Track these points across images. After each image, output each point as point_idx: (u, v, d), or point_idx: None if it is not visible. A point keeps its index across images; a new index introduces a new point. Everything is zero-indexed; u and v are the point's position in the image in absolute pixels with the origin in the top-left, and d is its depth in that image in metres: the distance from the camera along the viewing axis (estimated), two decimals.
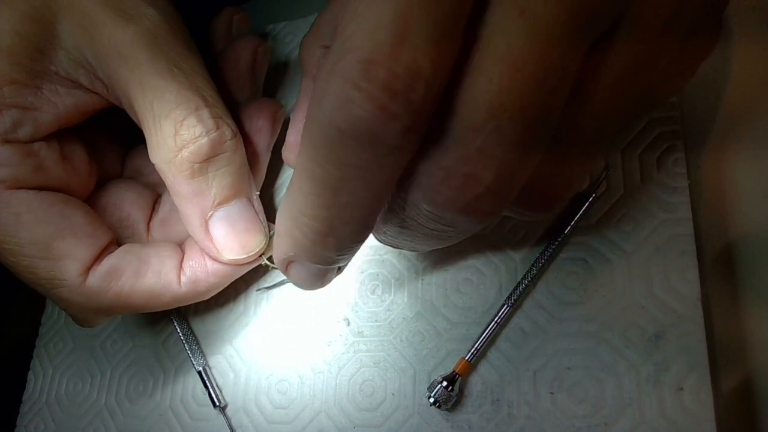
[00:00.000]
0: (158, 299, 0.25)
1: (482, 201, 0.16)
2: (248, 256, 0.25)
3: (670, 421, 0.21)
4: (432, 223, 0.18)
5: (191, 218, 0.24)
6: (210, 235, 0.24)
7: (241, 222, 0.24)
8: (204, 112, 0.23)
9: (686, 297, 0.22)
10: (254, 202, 0.25)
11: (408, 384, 0.25)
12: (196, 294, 0.26)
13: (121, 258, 0.25)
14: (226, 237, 0.24)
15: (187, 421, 0.28)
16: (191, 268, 0.25)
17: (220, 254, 0.25)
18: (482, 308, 0.25)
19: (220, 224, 0.24)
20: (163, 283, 0.25)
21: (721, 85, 0.25)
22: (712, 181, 0.24)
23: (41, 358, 0.33)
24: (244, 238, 0.25)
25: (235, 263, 0.25)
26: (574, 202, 0.25)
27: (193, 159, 0.23)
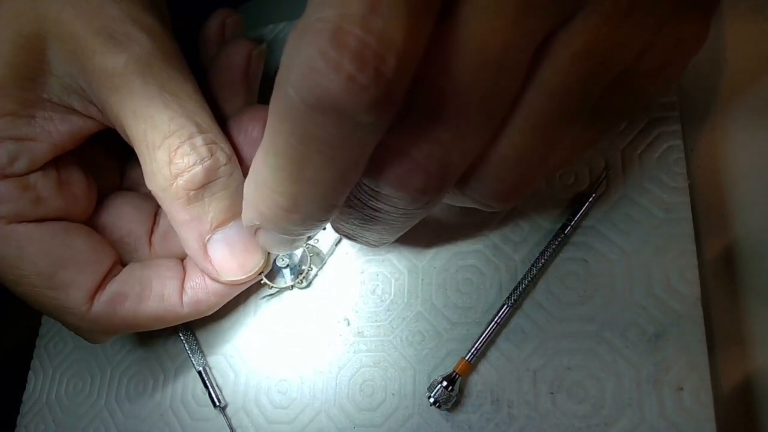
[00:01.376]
0: (162, 321, 0.26)
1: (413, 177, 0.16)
2: (247, 277, 0.25)
3: (670, 421, 0.21)
4: (372, 201, 0.18)
5: (189, 242, 0.24)
6: (209, 257, 0.24)
7: (239, 243, 0.24)
8: (197, 140, 0.23)
9: (686, 297, 0.22)
10: None
11: (408, 384, 0.25)
12: (198, 313, 0.26)
13: (123, 283, 0.25)
14: (224, 259, 0.24)
15: (187, 421, 0.28)
16: (192, 289, 0.26)
17: (219, 276, 0.25)
18: (482, 308, 0.25)
19: (218, 247, 0.24)
20: (166, 306, 0.25)
21: (722, 86, 0.25)
22: (712, 181, 0.24)
23: (41, 358, 0.33)
24: (243, 259, 0.25)
25: (234, 284, 0.25)
26: (574, 202, 0.25)
27: (188, 187, 0.23)
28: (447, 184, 0.17)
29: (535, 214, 0.25)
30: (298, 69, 0.14)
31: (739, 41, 0.26)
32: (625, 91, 0.18)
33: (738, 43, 0.26)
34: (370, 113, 0.14)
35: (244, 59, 0.28)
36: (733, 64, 0.25)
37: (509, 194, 0.19)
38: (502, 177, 0.18)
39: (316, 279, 0.28)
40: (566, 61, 0.16)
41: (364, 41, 0.13)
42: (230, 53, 0.29)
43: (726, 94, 0.25)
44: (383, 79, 0.13)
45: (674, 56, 0.18)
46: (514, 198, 0.19)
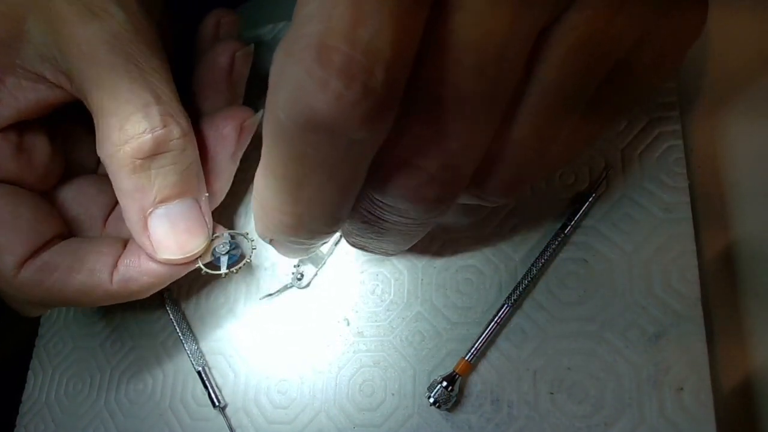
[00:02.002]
0: (89, 296, 0.25)
1: (427, 189, 0.16)
2: (184, 257, 0.24)
3: (670, 422, 0.21)
4: (387, 215, 0.18)
5: (130, 214, 0.24)
6: (148, 231, 0.24)
7: (182, 222, 0.24)
8: (153, 109, 0.23)
9: (686, 297, 0.22)
10: (201, 204, 0.25)
11: (408, 384, 0.25)
12: (129, 292, 0.25)
13: (56, 253, 0.25)
14: (164, 235, 0.24)
15: (187, 421, 0.28)
16: (126, 267, 0.25)
17: (155, 252, 0.24)
18: (482, 308, 0.25)
19: (159, 222, 0.24)
20: (94, 281, 0.25)
21: (723, 86, 0.25)
22: (712, 181, 0.24)
23: (41, 358, 0.33)
24: (183, 238, 0.24)
25: (169, 263, 0.25)
26: (574, 202, 0.25)
27: (134, 155, 0.22)
28: (460, 188, 0.17)
29: (535, 214, 0.25)
30: (286, 90, 0.13)
31: (740, 39, 0.26)
32: (624, 83, 0.18)
33: (738, 42, 0.26)
34: (362, 129, 0.14)
35: (228, 59, 0.28)
36: (733, 64, 0.25)
37: (511, 188, 0.19)
38: (505, 172, 0.18)
39: (316, 279, 0.28)
40: (563, 54, 0.16)
41: (349, 56, 0.13)
42: (216, 53, 0.29)
43: (726, 94, 0.25)
44: (373, 93, 0.13)
45: (671, 47, 0.18)
46: (516, 192, 0.19)
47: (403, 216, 0.18)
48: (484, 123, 0.16)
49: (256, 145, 0.21)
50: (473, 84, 0.15)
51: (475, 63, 0.15)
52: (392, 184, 0.16)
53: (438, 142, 0.16)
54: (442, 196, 0.17)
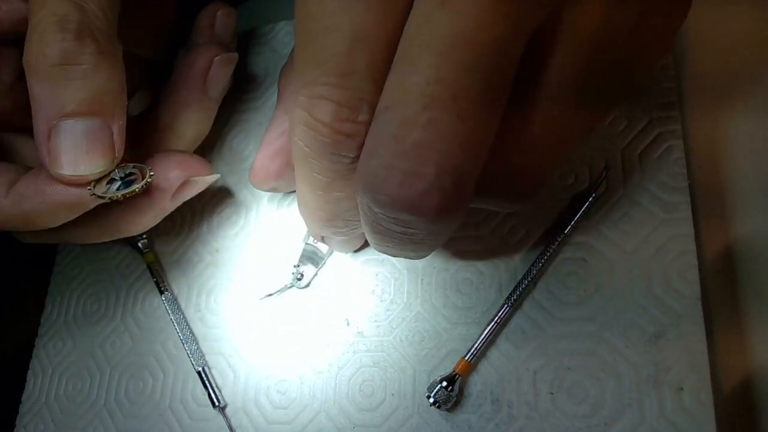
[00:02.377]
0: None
1: (428, 197, 0.16)
2: (76, 176, 0.24)
3: (670, 422, 0.21)
4: (393, 225, 0.17)
5: (37, 122, 0.23)
6: (49, 143, 0.23)
7: (84, 141, 0.23)
8: (71, 22, 0.22)
9: (686, 297, 0.22)
10: (114, 130, 0.24)
11: (408, 384, 0.25)
12: (22, 214, 0.25)
13: None
14: (62, 150, 0.23)
15: (187, 421, 0.28)
16: (22, 182, 0.25)
17: (50, 165, 0.24)
18: (482, 308, 0.25)
19: (62, 135, 0.23)
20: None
21: (723, 85, 0.25)
22: (712, 181, 0.24)
23: (41, 358, 0.33)
24: (80, 157, 0.23)
25: (61, 179, 0.24)
26: (574, 202, 0.25)
27: (45, 60, 0.22)
28: (465, 195, 0.16)
29: (535, 214, 0.25)
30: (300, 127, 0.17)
31: (741, 39, 0.26)
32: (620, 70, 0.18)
33: (739, 42, 0.26)
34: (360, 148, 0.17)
35: (206, 63, 0.28)
36: (734, 64, 0.25)
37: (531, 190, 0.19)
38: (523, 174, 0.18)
39: (316, 279, 0.28)
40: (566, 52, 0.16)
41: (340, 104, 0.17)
42: (196, 53, 0.29)
43: (727, 94, 0.25)
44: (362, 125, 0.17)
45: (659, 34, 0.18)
46: (534, 195, 0.19)
47: (411, 227, 0.17)
48: (480, 122, 0.15)
49: None
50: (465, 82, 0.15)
51: (464, 60, 0.14)
52: (389, 196, 0.16)
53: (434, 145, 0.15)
54: (446, 204, 0.16)
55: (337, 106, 0.16)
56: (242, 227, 0.31)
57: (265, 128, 0.32)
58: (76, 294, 0.34)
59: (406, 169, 0.15)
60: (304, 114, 0.17)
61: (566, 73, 0.16)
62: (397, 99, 0.15)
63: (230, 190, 0.32)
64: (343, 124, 0.16)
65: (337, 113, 0.16)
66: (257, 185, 0.27)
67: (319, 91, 0.16)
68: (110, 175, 0.24)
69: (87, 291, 0.34)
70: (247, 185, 0.32)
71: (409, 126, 0.15)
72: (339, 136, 0.17)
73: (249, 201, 0.31)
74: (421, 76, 0.15)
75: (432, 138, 0.15)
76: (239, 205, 0.32)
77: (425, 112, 0.15)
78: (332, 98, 0.16)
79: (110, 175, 0.24)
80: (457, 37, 0.14)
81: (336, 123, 0.16)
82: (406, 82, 0.15)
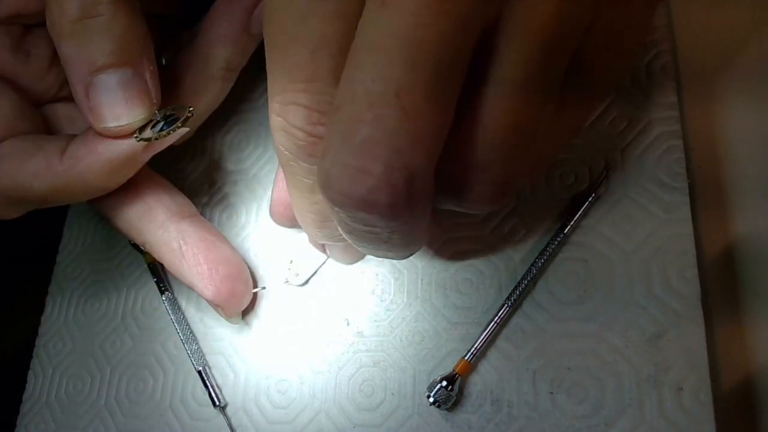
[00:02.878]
0: (42, 177, 0.25)
1: (377, 193, 0.15)
2: (119, 127, 0.24)
3: (670, 422, 0.21)
4: (355, 224, 0.18)
5: (74, 83, 0.24)
6: (88, 101, 0.24)
7: (119, 91, 0.24)
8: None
9: (686, 297, 0.22)
10: (146, 75, 0.24)
11: (408, 384, 0.25)
12: (79, 175, 0.25)
13: (18, 140, 0.25)
14: (101, 104, 0.24)
15: (187, 421, 0.28)
16: (73, 145, 0.25)
17: (94, 121, 0.24)
18: (482, 308, 0.25)
19: (98, 90, 0.24)
20: (47, 162, 0.25)
21: (722, 85, 0.25)
22: (712, 180, 0.24)
23: (41, 358, 0.33)
24: (120, 108, 0.24)
25: (108, 133, 0.24)
26: (574, 202, 0.25)
27: (66, 19, 0.23)
28: (419, 189, 0.16)
29: (535, 214, 0.25)
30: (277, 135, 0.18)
31: (741, 38, 0.26)
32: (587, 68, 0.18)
33: (739, 41, 0.26)
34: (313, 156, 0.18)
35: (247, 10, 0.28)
36: (734, 64, 0.25)
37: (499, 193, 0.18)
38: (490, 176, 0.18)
39: (316, 279, 0.28)
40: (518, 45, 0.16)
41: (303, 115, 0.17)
42: None
43: (727, 94, 0.25)
44: None
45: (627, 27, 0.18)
46: (505, 197, 0.19)
47: (371, 225, 0.17)
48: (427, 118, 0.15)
49: None
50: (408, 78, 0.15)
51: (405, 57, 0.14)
52: (341, 194, 0.16)
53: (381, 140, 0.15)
54: (397, 200, 0.16)
55: (307, 110, 0.17)
56: (242, 227, 0.31)
57: (265, 128, 0.33)
58: (77, 294, 0.34)
59: (355, 165, 0.15)
60: (279, 120, 0.18)
61: (520, 68, 0.16)
62: (345, 98, 0.15)
63: (230, 190, 0.32)
64: (315, 127, 0.17)
65: (308, 117, 0.17)
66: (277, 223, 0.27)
67: (290, 98, 0.17)
68: (152, 120, 0.25)
69: (87, 291, 0.34)
70: (247, 185, 0.32)
71: (356, 124, 0.15)
72: (312, 139, 0.18)
73: (249, 201, 0.31)
74: (365, 74, 0.15)
75: (378, 135, 0.15)
76: (239, 205, 0.32)
77: (371, 110, 0.15)
78: (302, 103, 0.17)
79: (152, 120, 0.25)
80: (397, 34, 0.14)
81: (308, 126, 0.17)
82: (353, 81, 0.15)
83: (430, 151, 0.16)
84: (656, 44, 0.25)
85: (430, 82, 0.15)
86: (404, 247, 0.20)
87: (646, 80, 0.25)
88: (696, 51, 0.26)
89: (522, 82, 0.16)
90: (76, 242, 0.36)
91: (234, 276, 0.27)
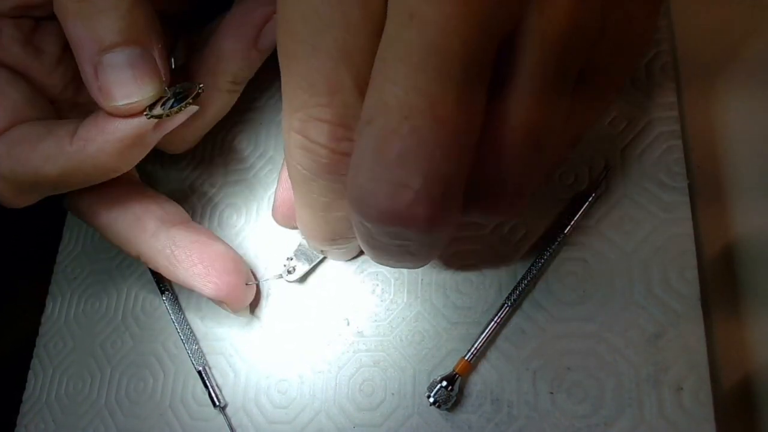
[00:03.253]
0: (53, 161, 0.24)
1: (416, 208, 0.15)
2: (127, 105, 0.24)
3: (670, 421, 0.21)
4: (386, 238, 0.17)
5: (82, 64, 0.24)
6: (97, 80, 0.24)
7: (129, 69, 0.23)
8: None
9: (686, 297, 0.22)
10: (154, 54, 0.24)
11: (408, 384, 0.25)
12: (90, 157, 0.25)
13: (29, 126, 0.25)
14: (111, 83, 0.23)
15: (187, 420, 0.28)
16: (83, 127, 0.25)
17: (103, 101, 0.24)
18: (482, 308, 0.25)
19: (108, 69, 0.23)
20: (58, 144, 0.24)
21: (722, 85, 0.25)
22: (712, 180, 0.24)
23: (41, 358, 0.33)
24: (130, 86, 0.24)
25: (117, 111, 0.24)
26: (574, 202, 0.25)
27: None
28: (454, 200, 0.16)
29: (535, 214, 0.25)
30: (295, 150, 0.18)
31: (742, 38, 0.26)
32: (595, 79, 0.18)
33: (740, 41, 0.26)
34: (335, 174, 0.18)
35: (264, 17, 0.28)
36: (733, 63, 0.25)
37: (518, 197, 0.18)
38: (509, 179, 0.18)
39: (316, 279, 0.28)
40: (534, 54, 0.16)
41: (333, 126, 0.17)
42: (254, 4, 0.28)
43: (727, 94, 0.25)
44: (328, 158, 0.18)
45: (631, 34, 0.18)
46: (524, 201, 0.19)
47: (404, 239, 0.17)
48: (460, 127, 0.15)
49: None
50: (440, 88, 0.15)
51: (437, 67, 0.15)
52: (378, 210, 0.16)
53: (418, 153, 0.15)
54: (435, 213, 0.16)
55: (331, 125, 0.16)
56: (242, 227, 0.31)
57: (265, 128, 0.33)
58: (77, 293, 0.34)
59: (392, 180, 0.15)
60: (299, 137, 0.17)
61: (537, 75, 0.16)
62: (378, 112, 0.15)
63: (230, 191, 0.32)
64: (340, 143, 0.17)
65: (332, 133, 0.17)
66: (280, 224, 0.27)
67: (312, 113, 0.16)
68: (162, 97, 0.25)
69: (88, 290, 0.34)
70: (248, 185, 0.32)
71: (391, 137, 0.15)
72: (337, 156, 0.17)
73: (249, 201, 0.31)
74: (398, 87, 0.15)
75: (415, 147, 0.15)
76: (239, 205, 0.32)
77: (406, 122, 0.15)
78: (326, 118, 0.16)
79: (162, 98, 0.25)
80: (428, 47, 0.14)
81: (332, 143, 0.17)
82: (385, 94, 0.15)
83: (463, 160, 0.16)
84: (656, 44, 0.25)
85: (461, 91, 0.15)
86: (427, 259, 0.21)
87: (646, 80, 0.25)
88: (696, 51, 0.26)
89: (539, 88, 0.16)
90: (76, 242, 0.36)
91: (231, 270, 0.27)
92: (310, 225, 0.22)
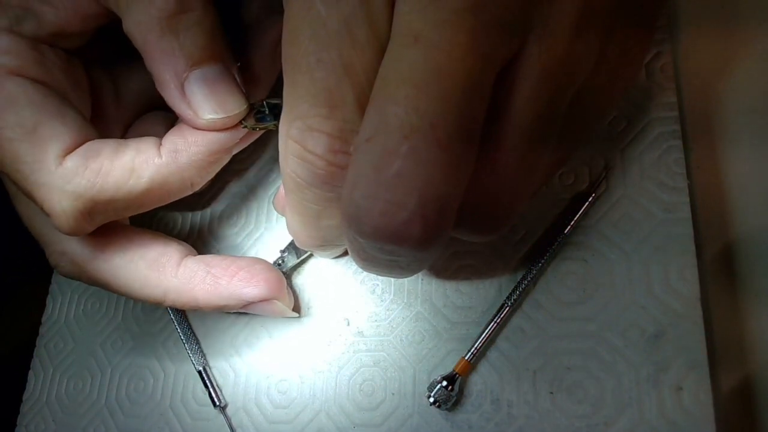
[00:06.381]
0: (138, 174, 0.24)
1: (410, 227, 0.16)
2: (226, 117, 0.24)
3: (670, 421, 0.21)
4: (378, 253, 0.17)
5: (166, 80, 0.23)
6: (186, 97, 0.24)
7: (218, 83, 0.24)
8: None
9: (686, 297, 0.22)
10: (234, 71, 0.25)
11: (408, 384, 0.25)
12: (179, 167, 0.24)
13: (101, 142, 0.24)
14: (203, 97, 0.24)
15: (187, 421, 0.28)
16: (170, 139, 0.25)
17: (197, 115, 0.24)
18: (482, 308, 0.25)
19: (197, 84, 0.23)
20: (143, 157, 0.24)
21: (722, 86, 0.25)
22: (712, 181, 0.24)
23: (41, 358, 0.33)
24: (223, 98, 0.24)
25: (212, 125, 0.24)
26: (574, 202, 0.25)
27: (159, 15, 0.22)
28: (448, 221, 0.16)
29: (535, 214, 0.25)
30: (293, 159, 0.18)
31: (741, 39, 0.26)
32: (585, 105, 0.19)
33: (739, 41, 0.26)
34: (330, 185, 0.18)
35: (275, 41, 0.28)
36: (733, 63, 0.25)
37: (503, 221, 0.19)
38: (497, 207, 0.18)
39: (316, 279, 0.28)
40: (532, 84, 0.16)
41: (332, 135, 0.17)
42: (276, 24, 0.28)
43: (726, 94, 0.25)
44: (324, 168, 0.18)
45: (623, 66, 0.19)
46: (507, 225, 0.19)
47: (396, 255, 0.17)
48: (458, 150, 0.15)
49: None
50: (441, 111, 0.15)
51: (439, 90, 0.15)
52: (373, 226, 0.16)
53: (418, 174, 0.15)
54: (429, 233, 0.16)
55: (329, 137, 0.17)
56: (242, 227, 0.31)
57: None
58: (77, 293, 0.34)
59: (388, 198, 0.15)
60: (296, 146, 0.17)
61: (532, 103, 0.17)
62: (377, 130, 0.15)
63: (230, 190, 0.32)
64: (336, 155, 0.17)
65: (330, 145, 0.17)
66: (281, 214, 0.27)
67: (311, 123, 0.17)
68: (254, 109, 0.25)
69: (88, 290, 0.34)
70: (248, 185, 0.32)
71: (390, 156, 0.15)
72: (332, 168, 0.17)
73: (249, 201, 0.31)
74: (399, 107, 0.15)
75: (413, 167, 0.15)
76: (239, 205, 0.32)
77: (405, 142, 0.15)
78: (324, 130, 0.17)
79: (254, 109, 0.25)
80: (431, 70, 0.15)
81: (329, 154, 0.17)
82: (386, 113, 0.15)
83: (459, 182, 0.16)
84: (656, 44, 0.25)
85: (461, 114, 0.15)
86: (416, 272, 0.21)
87: (646, 80, 0.25)
88: (696, 51, 0.26)
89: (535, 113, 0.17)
90: None
91: (269, 268, 0.26)
92: (300, 231, 0.22)
